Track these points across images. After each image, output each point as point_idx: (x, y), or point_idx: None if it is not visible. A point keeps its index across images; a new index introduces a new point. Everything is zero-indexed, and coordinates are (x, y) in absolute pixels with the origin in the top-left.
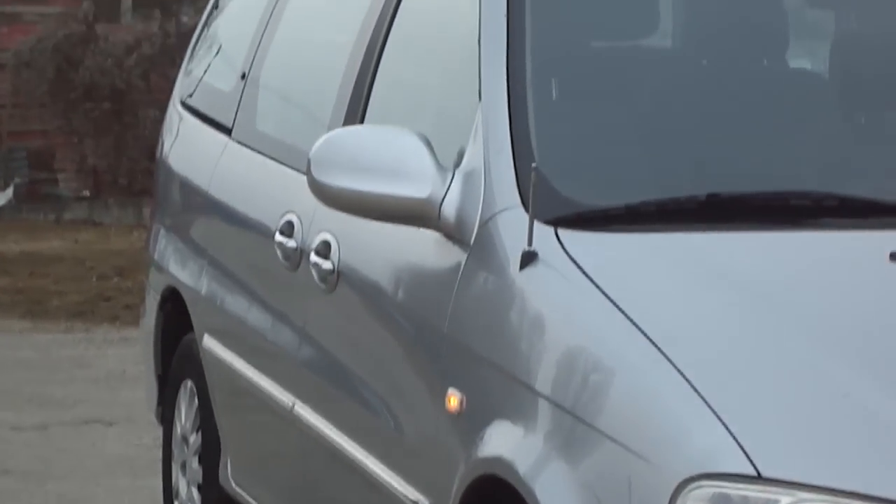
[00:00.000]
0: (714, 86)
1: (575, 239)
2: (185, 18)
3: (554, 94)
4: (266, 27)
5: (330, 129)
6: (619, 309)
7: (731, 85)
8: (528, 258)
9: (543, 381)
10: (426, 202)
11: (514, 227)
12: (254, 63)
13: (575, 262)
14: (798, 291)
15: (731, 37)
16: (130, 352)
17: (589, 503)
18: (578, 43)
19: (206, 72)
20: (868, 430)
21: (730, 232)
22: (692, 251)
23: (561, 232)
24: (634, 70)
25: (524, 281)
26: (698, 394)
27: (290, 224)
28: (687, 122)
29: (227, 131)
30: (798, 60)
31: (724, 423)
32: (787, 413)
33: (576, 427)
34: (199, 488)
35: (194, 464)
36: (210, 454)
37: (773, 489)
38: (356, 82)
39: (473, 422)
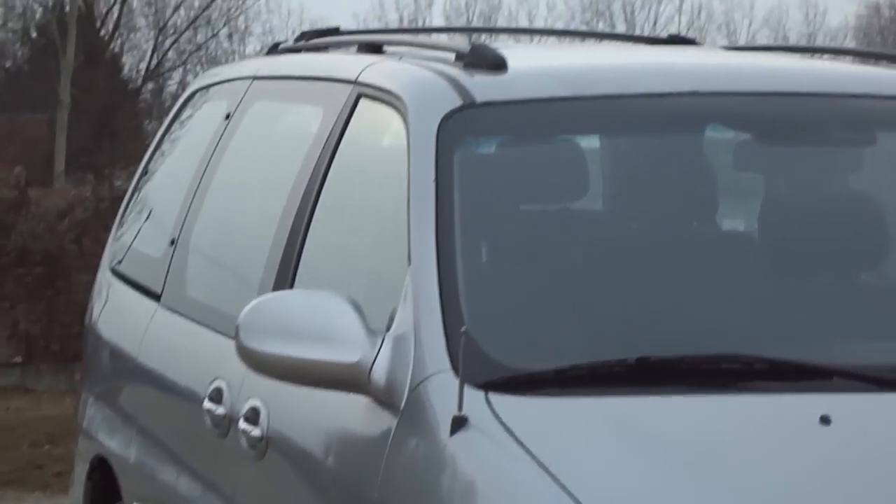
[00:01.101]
0: (644, 248)
1: (506, 403)
2: (118, 182)
3: (483, 258)
4: (196, 192)
5: (260, 293)
6: (551, 475)
7: (661, 247)
8: (459, 423)
9: None
10: (356, 367)
11: (444, 391)
12: (183, 228)
13: (506, 427)
14: (729, 455)
15: (661, 199)
16: None
17: None
18: (508, 206)
19: (135, 238)
20: None
21: (660, 395)
22: (623, 415)
23: (491, 396)
24: (564, 233)
25: (455, 446)
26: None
27: (218, 391)
28: (617, 285)
29: (157, 297)
30: (728, 222)
31: None
32: None
33: None
34: None
35: None
36: None
37: None
38: (286, 246)
39: None
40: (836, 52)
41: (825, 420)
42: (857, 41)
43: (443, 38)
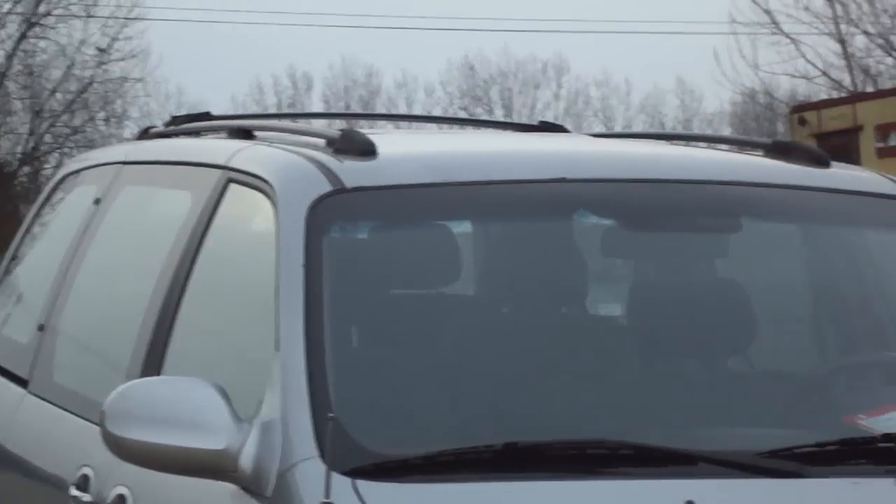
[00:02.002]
0: (513, 334)
1: (373, 490)
2: None
3: (352, 343)
4: (64, 277)
5: (127, 379)
6: None
7: (530, 333)
8: None
9: None
10: (223, 454)
11: (311, 478)
12: (51, 314)
13: None
14: None
15: (530, 284)
16: None
17: None
18: (378, 291)
19: (3, 323)
20: None
21: (527, 481)
22: (491, 501)
23: (359, 483)
24: (434, 318)
25: None
26: None
27: (85, 477)
28: (486, 370)
29: (24, 384)
30: (598, 307)
31: None
32: None
33: None
34: None
35: None
36: None
37: None
38: (154, 332)
39: None
40: (701, 139)
41: None
42: (732, 127)
43: (317, 124)
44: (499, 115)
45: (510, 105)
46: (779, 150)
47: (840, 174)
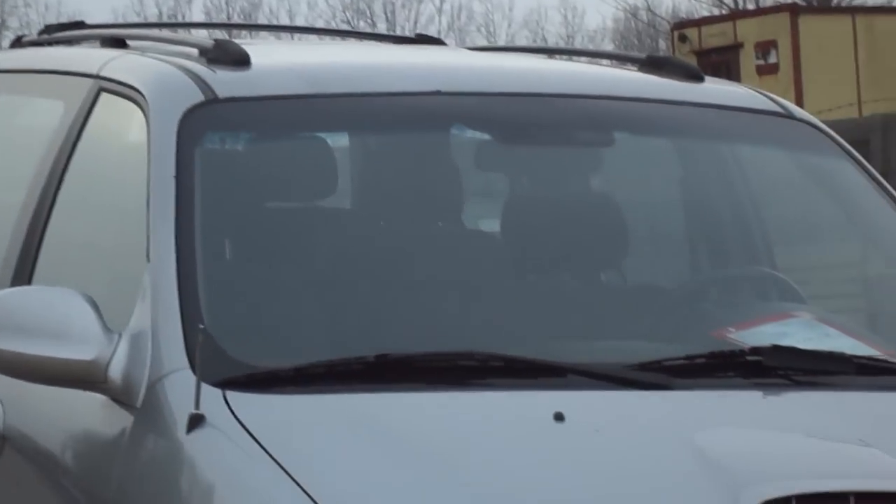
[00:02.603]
0: (388, 247)
1: (243, 401)
2: None
3: (225, 255)
4: None
5: None
6: (287, 473)
7: (404, 246)
8: (195, 421)
9: None
10: (92, 364)
11: (181, 389)
12: None
13: (243, 425)
14: (467, 453)
15: (407, 198)
16: None
17: None
18: (251, 203)
19: None
20: None
21: (399, 392)
22: (362, 412)
23: (229, 394)
24: (309, 231)
25: (191, 445)
26: None
27: None
28: (359, 283)
29: None
30: (477, 223)
31: None
32: None
33: None
34: None
35: None
36: None
37: None
38: (24, 242)
39: None
40: (578, 53)
41: (559, 417)
42: (614, 44)
43: (193, 34)
44: (382, 29)
45: (393, 19)
46: (653, 64)
47: (713, 89)
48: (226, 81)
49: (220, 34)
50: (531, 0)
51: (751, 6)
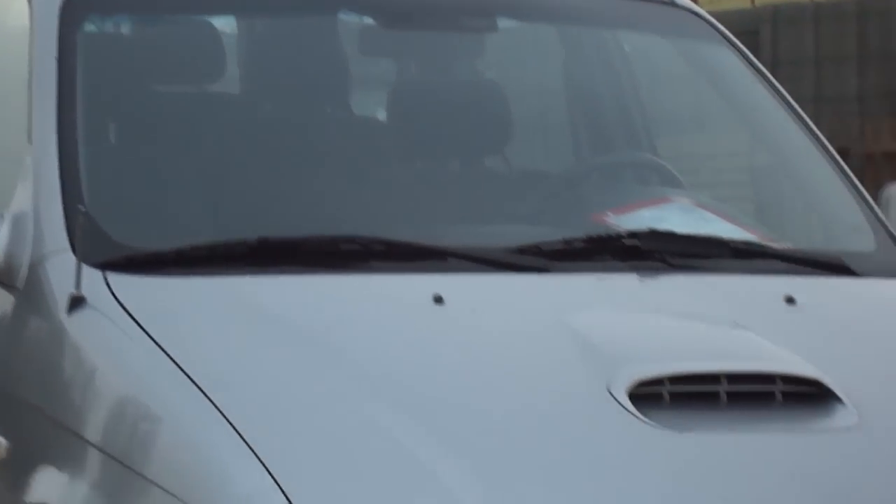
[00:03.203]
0: (272, 131)
1: (124, 283)
2: None
3: (109, 137)
4: None
5: None
6: (168, 355)
7: (289, 131)
8: (76, 303)
9: (93, 429)
10: None
11: (62, 270)
12: None
13: (123, 306)
14: (346, 334)
15: (294, 83)
16: None
17: None
18: (136, 86)
19: None
20: (404, 474)
21: (280, 276)
22: (242, 295)
23: (110, 276)
24: (192, 115)
25: (72, 326)
26: (242, 439)
27: None
28: (244, 167)
29: None
30: (360, 107)
31: (264, 466)
32: (328, 456)
33: (124, 475)
34: None
35: None
36: None
37: None
38: None
39: (20, 469)
40: None
41: (438, 300)
42: None
43: None
44: None
45: None
46: None
47: None
48: None
49: None
50: None
51: None
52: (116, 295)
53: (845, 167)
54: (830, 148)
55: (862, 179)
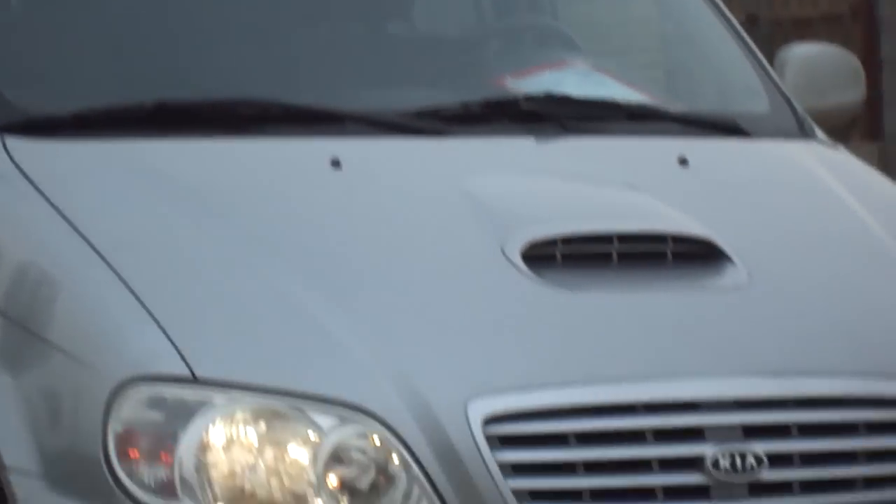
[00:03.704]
0: None
1: (22, 147)
2: None
3: (6, 2)
4: None
5: None
6: (65, 218)
7: None
8: None
9: None
10: None
11: None
12: None
13: (21, 170)
14: (243, 198)
15: None
16: None
17: (31, 414)
18: None
19: None
20: (300, 333)
21: (177, 140)
22: (140, 159)
23: (8, 140)
24: None
25: None
26: (138, 300)
27: None
28: (140, 30)
29: None
30: None
31: (161, 327)
32: (223, 317)
33: (25, 339)
34: None
35: None
36: None
37: (207, 389)
38: None
39: None
40: None
41: (336, 163)
42: None
43: None
44: None
45: None
46: None
47: None
48: None
49: None
50: None
51: None
52: (14, 159)
53: (741, 30)
54: (727, 12)
55: (770, 45)
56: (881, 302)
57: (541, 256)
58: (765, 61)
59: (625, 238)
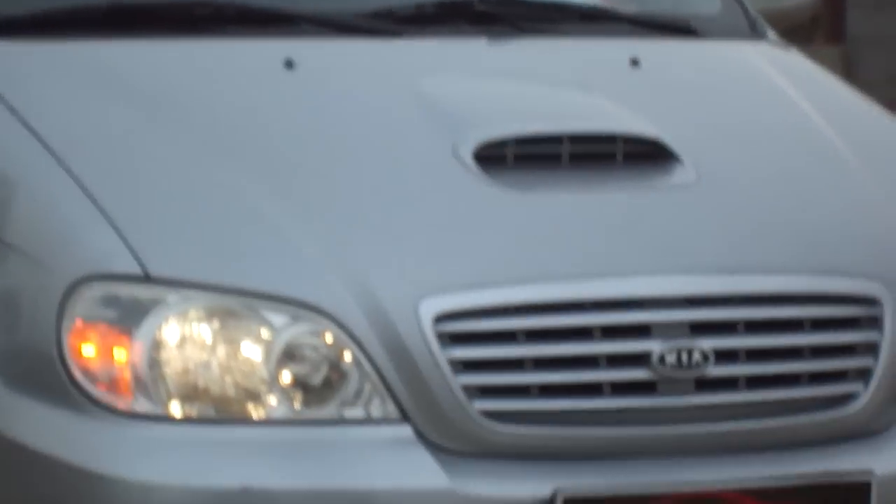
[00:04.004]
0: None
1: None
2: None
3: None
4: None
5: None
6: (21, 119)
7: None
8: None
9: None
10: None
11: None
12: None
13: None
14: (197, 98)
15: None
16: None
17: None
18: None
19: None
20: (253, 232)
21: (133, 40)
22: (96, 60)
23: None
24: None
25: None
26: (92, 199)
27: None
28: None
29: None
30: None
31: (115, 227)
32: (177, 216)
33: None
34: None
35: None
36: None
37: (161, 288)
38: None
39: None
40: None
41: (289, 64)
42: None
43: None
44: None
45: None
46: None
47: None
48: None
49: None
50: None
51: None
52: None
53: None
54: None
55: None
56: (828, 200)
57: (492, 157)
58: None
59: (576, 139)
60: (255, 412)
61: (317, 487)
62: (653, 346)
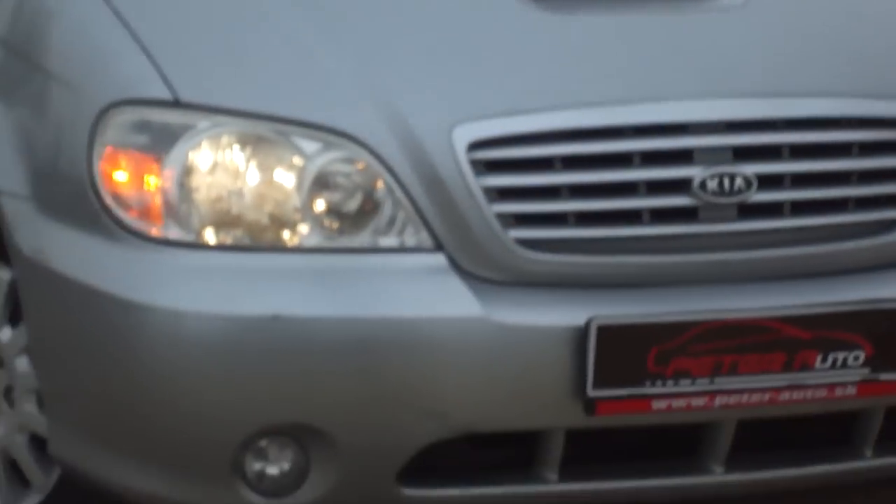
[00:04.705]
0: None
1: None
2: None
3: None
4: None
5: None
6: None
7: None
8: None
9: None
10: None
11: None
12: None
13: None
14: None
15: None
16: None
17: (23, 139)
18: None
19: None
20: (286, 60)
21: None
22: None
23: None
24: None
25: None
26: (125, 25)
27: None
28: None
29: None
30: None
31: (147, 53)
32: (210, 44)
33: (22, 67)
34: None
35: None
36: None
37: (192, 113)
38: None
39: None
40: None
41: None
42: None
43: None
44: None
45: None
46: None
47: None
48: None
49: None
50: None
51: None
52: None
53: None
54: None
55: None
56: (880, 23)
57: None
58: None
59: None
60: (288, 240)
61: (349, 315)
62: (694, 171)
